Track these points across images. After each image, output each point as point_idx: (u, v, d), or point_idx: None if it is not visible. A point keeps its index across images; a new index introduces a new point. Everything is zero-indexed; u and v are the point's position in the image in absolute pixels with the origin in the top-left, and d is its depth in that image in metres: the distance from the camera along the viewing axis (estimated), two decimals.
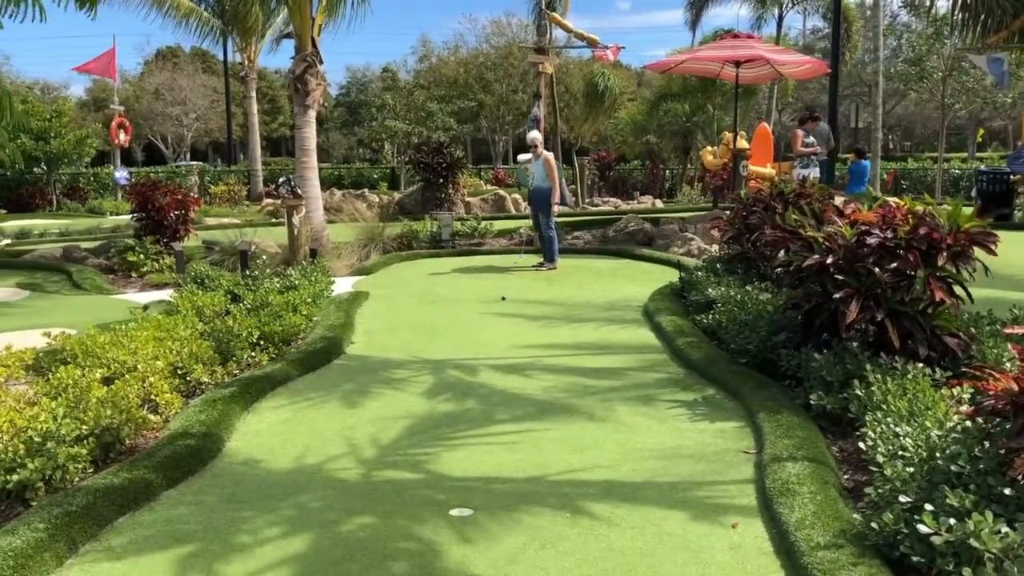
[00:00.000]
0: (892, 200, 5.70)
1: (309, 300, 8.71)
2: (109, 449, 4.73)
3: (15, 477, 4.06)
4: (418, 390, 6.32)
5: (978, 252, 5.46)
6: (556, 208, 12.72)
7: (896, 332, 5.28)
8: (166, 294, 9.74)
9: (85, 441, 4.56)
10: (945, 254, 5.22)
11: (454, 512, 4.15)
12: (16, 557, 3.40)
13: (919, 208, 5.59)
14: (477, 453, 4.98)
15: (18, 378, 6.14)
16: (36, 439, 4.32)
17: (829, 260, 5.53)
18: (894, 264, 5.27)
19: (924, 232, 5.30)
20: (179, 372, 6.04)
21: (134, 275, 12.44)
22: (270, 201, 24.60)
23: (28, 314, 9.43)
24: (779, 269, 6.54)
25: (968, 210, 5.59)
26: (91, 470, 4.53)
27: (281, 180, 12.85)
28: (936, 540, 3.09)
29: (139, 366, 5.77)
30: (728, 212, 10.12)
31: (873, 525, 3.44)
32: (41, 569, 3.50)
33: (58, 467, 4.24)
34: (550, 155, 12.94)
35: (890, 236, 5.38)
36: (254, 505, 4.27)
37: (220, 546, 3.81)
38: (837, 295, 5.38)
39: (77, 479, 4.34)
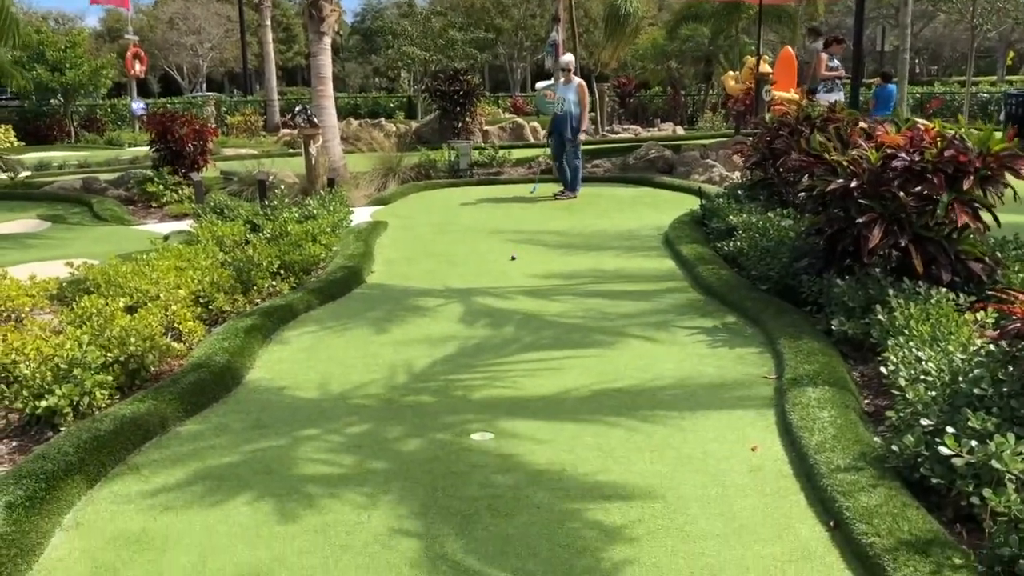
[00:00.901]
0: (921, 122, 5.56)
1: (328, 230, 8.71)
2: (134, 376, 4.80)
3: (43, 403, 4.13)
4: (439, 318, 6.35)
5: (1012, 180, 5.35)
6: (583, 136, 12.52)
7: (920, 257, 5.22)
8: (186, 224, 9.77)
9: (111, 368, 4.63)
10: (972, 177, 5.11)
11: (476, 436, 4.19)
12: (48, 480, 3.47)
13: (949, 131, 5.46)
14: (498, 380, 5.01)
15: (43, 307, 6.21)
16: (63, 366, 4.38)
17: (853, 184, 5.44)
18: (919, 188, 5.17)
19: (951, 155, 5.18)
20: (201, 301, 6.09)
21: (154, 206, 12.47)
22: (287, 131, 24.47)
23: (50, 245, 9.51)
24: (802, 194, 6.44)
25: (999, 134, 5.45)
26: (117, 397, 4.61)
27: (297, 109, 12.70)
28: (957, 462, 3.09)
29: (161, 295, 5.81)
30: (751, 138, 9.94)
31: (893, 448, 3.45)
32: (73, 491, 3.58)
33: (85, 393, 4.31)
34: (583, 81, 12.68)
35: (917, 159, 5.26)
36: (278, 430, 4.33)
37: (245, 470, 3.88)
38: (860, 220, 5.30)
39: (104, 405, 4.42)
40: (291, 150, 20.09)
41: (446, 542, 3.22)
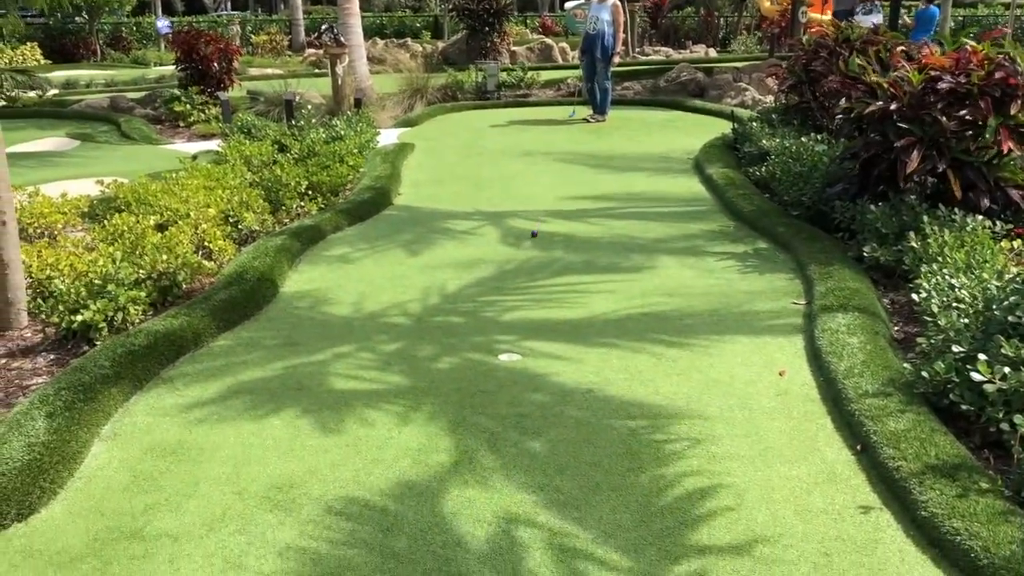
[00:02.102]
0: (969, 43, 5.38)
1: (355, 151, 8.67)
2: (167, 293, 4.85)
3: (79, 318, 4.20)
4: (467, 241, 6.34)
5: None
6: (617, 58, 12.26)
7: (958, 183, 5.11)
8: (214, 144, 9.77)
9: (143, 285, 4.68)
10: (1020, 101, 4.96)
11: (504, 357, 4.22)
12: (86, 391, 3.55)
13: (998, 54, 5.28)
14: (525, 302, 5.02)
15: (75, 225, 6.28)
16: (96, 282, 4.44)
17: (893, 107, 5.30)
18: (963, 112, 5.04)
19: (1000, 77, 5.02)
20: (230, 220, 6.11)
21: (181, 125, 12.47)
22: (312, 52, 24.22)
23: (80, 163, 9.55)
24: (839, 118, 6.30)
25: None
26: (150, 313, 4.68)
27: (324, 27, 12.56)
28: (988, 388, 3.08)
29: (191, 213, 5.84)
30: (786, 61, 9.69)
31: (923, 374, 3.43)
32: (110, 403, 3.66)
33: (119, 309, 4.37)
34: (617, 1, 12.35)
35: (963, 81, 5.11)
36: (309, 347, 4.39)
37: (278, 385, 3.95)
38: (899, 144, 5.19)
39: (138, 321, 4.48)
40: (317, 70, 19.91)
41: (475, 458, 3.28)
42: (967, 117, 5.02)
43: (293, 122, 9.73)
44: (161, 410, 3.73)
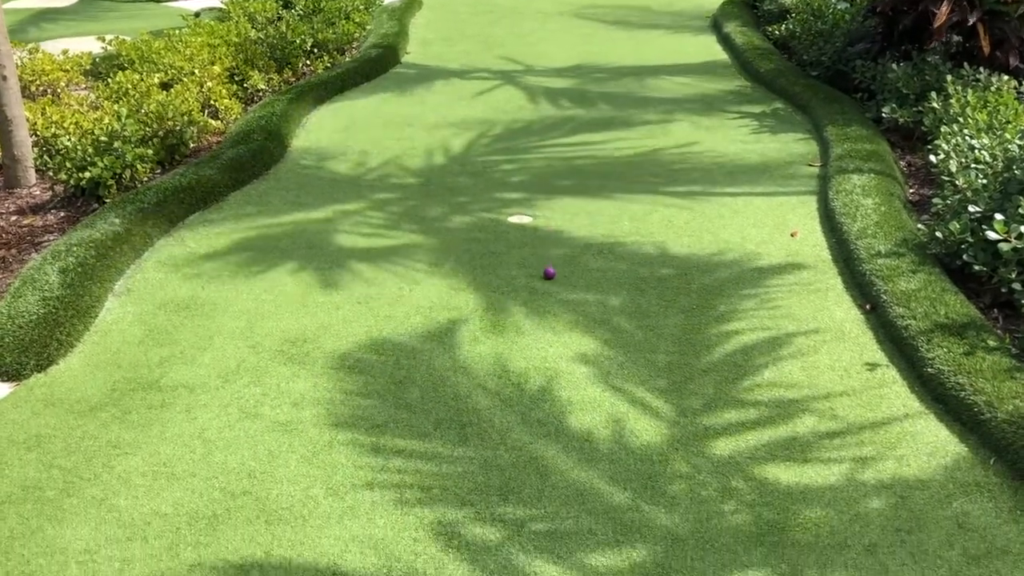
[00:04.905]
0: None
1: (361, 7, 8.37)
2: (174, 151, 4.80)
3: (87, 174, 4.17)
4: (478, 100, 6.21)
5: None
6: None
7: (988, 38, 4.92)
8: (216, 0, 9.46)
9: (150, 142, 4.63)
10: None
11: (513, 219, 4.20)
12: (98, 248, 3.56)
13: None
14: (537, 162, 4.96)
15: (77, 83, 6.16)
16: (103, 139, 4.38)
17: None
18: None
19: None
20: (236, 78, 5.98)
21: None
22: None
23: (79, 20, 9.29)
24: None
25: None
26: (158, 171, 4.64)
27: None
28: (1003, 247, 3.05)
29: (196, 71, 5.71)
30: None
31: (937, 235, 3.41)
32: (121, 260, 3.68)
33: (127, 166, 4.33)
34: None
35: None
36: (318, 206, 4.36)
37: (288, 244, 3.95)
38: None
39: (146, 179, 4.45)
40: None
41: (485, 316, 3.30)
42: None
43: None
44: (173, 266, 3.75)
